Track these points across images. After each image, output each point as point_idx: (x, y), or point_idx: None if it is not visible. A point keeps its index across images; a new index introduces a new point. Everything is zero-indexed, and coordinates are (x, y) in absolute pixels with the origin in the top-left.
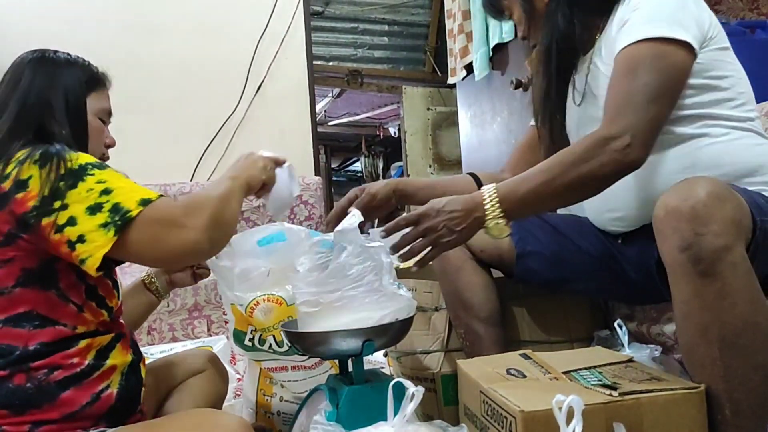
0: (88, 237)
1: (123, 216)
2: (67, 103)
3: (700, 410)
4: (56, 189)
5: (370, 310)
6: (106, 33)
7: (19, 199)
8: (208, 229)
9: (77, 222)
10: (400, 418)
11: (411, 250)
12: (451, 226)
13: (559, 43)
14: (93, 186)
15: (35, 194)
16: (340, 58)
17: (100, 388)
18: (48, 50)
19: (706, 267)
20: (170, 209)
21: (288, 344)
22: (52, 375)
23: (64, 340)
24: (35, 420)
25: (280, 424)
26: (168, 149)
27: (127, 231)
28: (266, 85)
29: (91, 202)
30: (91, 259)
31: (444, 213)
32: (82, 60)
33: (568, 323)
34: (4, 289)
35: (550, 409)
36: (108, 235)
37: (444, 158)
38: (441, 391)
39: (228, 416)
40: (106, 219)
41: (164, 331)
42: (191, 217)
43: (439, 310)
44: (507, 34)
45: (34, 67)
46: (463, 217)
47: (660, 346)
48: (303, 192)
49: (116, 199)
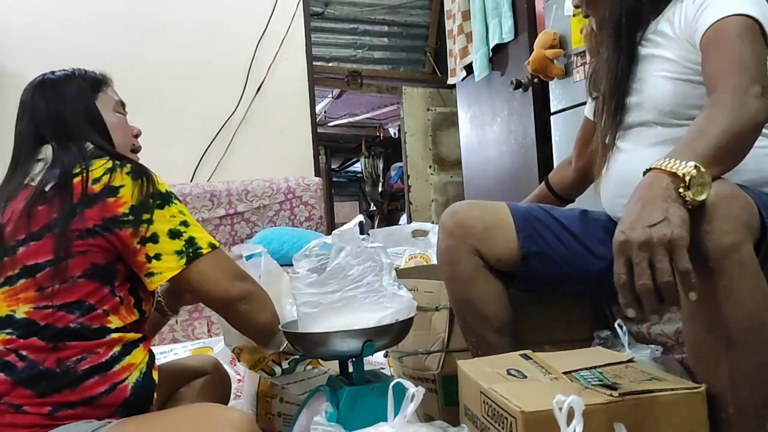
0: (163, 257)
1: (196, 250)
2: (85, 113)
3: (701, 410)
4: (146, 204)
5: (371, 310)
6: (106, 34)
7: (111, 203)
8: (246, 294)
9: (159, 241)
10: (400, 418)
11: (649, 297)
12: (662, 227)
13: (627, 17)
14: (176, 214)
15: (126, 202)
16: (340, 59)
17: (119, 380)
18: (45, 74)
19: (714, 264)
20: (232, 263)
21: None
22: (80, 363)
23: (99, 329)
24: (55, 402)
25: (281, 425)
26: (168, 149)
27: (194, 264)
28: (266, 85)
29: (172, 227)
30: (159, 276)
31: (635, 224)
32: (79, 70)
33: (569, 323)
34: (70, 277)
35: (551, 410)
36: (180, 262)
37: (444, 159)
38: (442, 391)
39: (234, 411)
40: (181, 247)
41: (164, 332)
42: (241, 280)
43: (440, 309)
44: (507, 35)
45: (39, 93)
46: (657, 203)
47: (661, 347)
48: (303, 193)
49: (192, 234)
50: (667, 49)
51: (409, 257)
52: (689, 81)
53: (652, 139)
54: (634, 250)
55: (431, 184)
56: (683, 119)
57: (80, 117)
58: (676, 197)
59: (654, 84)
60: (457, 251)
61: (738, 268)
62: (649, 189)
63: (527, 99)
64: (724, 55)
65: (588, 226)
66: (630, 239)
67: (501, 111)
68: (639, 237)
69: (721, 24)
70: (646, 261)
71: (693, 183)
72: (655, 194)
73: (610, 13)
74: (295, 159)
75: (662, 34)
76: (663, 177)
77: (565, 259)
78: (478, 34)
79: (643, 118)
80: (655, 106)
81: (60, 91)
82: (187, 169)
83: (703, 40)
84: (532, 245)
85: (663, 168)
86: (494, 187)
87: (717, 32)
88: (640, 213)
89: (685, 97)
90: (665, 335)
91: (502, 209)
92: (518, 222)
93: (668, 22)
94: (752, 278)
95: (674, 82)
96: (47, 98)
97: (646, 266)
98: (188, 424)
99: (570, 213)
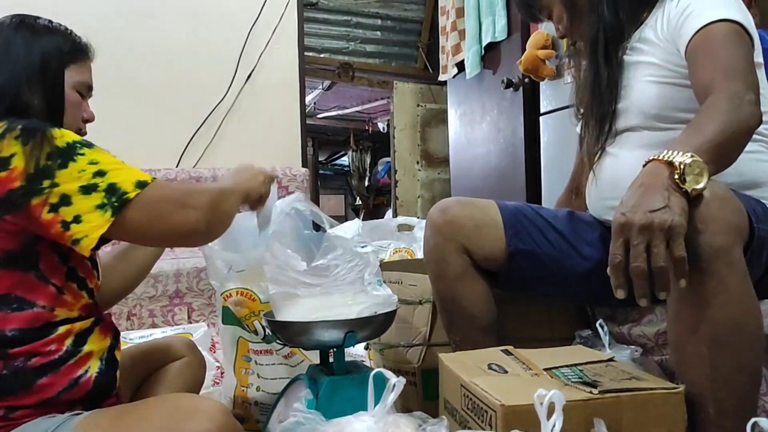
0: (84, 218)
1: (120, 197)
2: (44, 74)
3: (679, 411)
4: (44, 167)
5: (353, 301)
6: (95, 15)
7: (2, 178)
8: (207, 212)
9: (72, 202)
10: (380, 408)
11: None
12: (663, 213)
13: (606, 32)
14: (85, 167)
15: (20, 173)
16: (332, 51)
17: (78, 373)
18: (29, 16)
19: (704, 265)
20: (171, 190)
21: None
22: (30, 362)
23: (42, 327)
24: (9, 405)
25: (258, 413)
26: (154, 134)
27: (124, 212)
28: (256, 74)
29: (84, 182)
30: (87, 239)
31: (637, 208)
32: (65, 28)
33: (551, 322)
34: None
35: (531, 404)
36: (105, 216)
37: (432, 155)
38: (421, 385)
39: (207, 401)
40: (102, 200)
41: (144, 317)
42: (192, 199)
43: (423, 303)
44: (500, 34)
45: (11, 34)
46: (658, 191)
47: (640, 348)
48: (290, 183)
49: (111, 180)
50: (652, 54)
51: (394, 251)
52: (674, 84)
53: (639, 142)
54: (634, 233)
55: (418, 180)
56: (669, 122)
57: (37, 77)
58: (675, 187)
59: (639, 89)
60: (445, 249)
61: (727, 269)
62: (650, 177)
63: (517, 99)
64: (715, 62)
65: (575, 227)
66: (631, 221)
67: (491, 110)
68: (640, 220)
69: (708, 30)
70: (644, 244)
71: (687, 171)
72: (656, 182)
73: (591, 30)
74: (282, 149)
75: (646, 41)
76: (662, 167)
77: (552, 257)
78: (471, 31)
79: (631, 123)
80: (642, 111)
81: (34, 39)
82: (173, 155)
83: (690, 47)
84: (520, 242)
85: (661, 159)
86: (481, 186)
87: (704, 39)
88: (641, 198)
89: (670, 100)
90: (645, 337)
91: (491, 207)
92: (507, 219)
93: (652, 29)
94: (740, 280)
95: (659, 86)
96: (17, 42)
97: (642, 249)
98: (162, 416)
99: (558, 213)
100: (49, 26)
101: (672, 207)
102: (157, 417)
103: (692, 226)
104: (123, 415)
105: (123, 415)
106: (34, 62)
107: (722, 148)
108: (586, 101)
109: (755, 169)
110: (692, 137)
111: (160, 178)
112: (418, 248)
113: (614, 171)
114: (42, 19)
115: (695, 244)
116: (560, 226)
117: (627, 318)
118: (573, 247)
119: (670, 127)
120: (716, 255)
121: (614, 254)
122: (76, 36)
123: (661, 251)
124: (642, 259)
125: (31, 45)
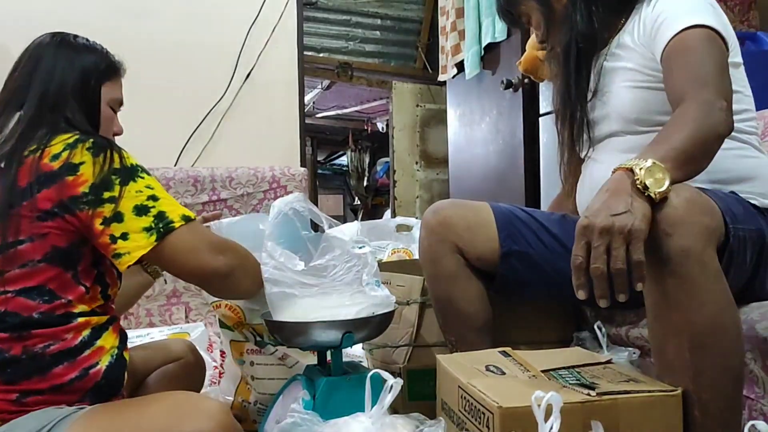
0: (131, 236)
1: (167, 225)
2: (84, 90)
3: (676, 413)
4: (108, 181)
5: (351, 301)
6: (94, 13)
7: (69, 181)
8: (235, 262)
9: (123, 219)
10: (377, 409)
11: (601, 281)
12: (624, 218)
13: (578, 41)
14: (142, 189)
15: (86, 180)
16: (331, 50)
17: (90, 364)
18: (68, 34)
19: (675, 267)
20: (212, 234)
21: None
22: (48, 349)
23: (63, 315)
24: (23, 389)
25: (255, 414)
26: (153, 133)
27: (167, 239)
28: (255, 73)
29: (139, 203)
30: (128, 256)
31: (600, 211)
32: (101, 47)
33: (548, 324)
34: (29, 261)
35: (528, 406)
36: (150, 239)
37: (431, 155)
38: (406, 385)
39: (209, 400)
40: (150, 224)
41: (141, 317)
42: (227, 248)
43: (410, 304)
44: (499, 34)
45: (54, 51)
46: (622, 196)
47: (638, 350)
48: (288, 183)
49: (162, 208)
50: (630, 60)
51: (392, 251)
52: (651, 89)
53: (622, 147)
54: (595, 235)
55: (417, 180)
56: (649, 125)
57: (78, 93)
58: (639, 193)
59: (618, 94)
60: (439, 249)
61: (700, 270)
62: (615, 183)
63: (517, 99)
64: (688, 69)
65: (568, 230)
66: (593, 224)
67: (490, 110)
68: (601, 223)
69: (682, 37)
70: (604, 246)
71: (647, 176)
72: (621, 188)
73: (564, 38)
74: (281, 148)
75: (624, 46)
76: (626, 174)
77: (545, 258)
78: (470, 32)
79: (613, 129)
80: (621, 116)
81: (76, 57)
82: (172, 154)
83: (665, 53)
84: (513, 244)
85: (626, 167)
86: (480, 186)
87: (677, 47)
88: (605, 202)
89: (648, 104)
90: (643, 338)
91: (484, 208)
92: (500, 221)
93: (629, 34)
94: (713, 281)
95: (637, 91)
96: (61, 59)
97: (603, 251)
98: (162, 413)
99: (551, 216)
100: (88, 44)
101: (634, 211)
102: (158, 414)
103: (660, 229)
104: (124, 410)
105: (124, 409)
106: (76, 79)
107: (688, 154)
108: (559, 109)
109: (742, 166)
110: (658, 145)
111: (159, 177)
112: (417, 249)
113: (599, 176)
114: (80, 37)
115: (665, 248)
116: (553, 228)
117: (625, 320)
118: (566, 249)
119: (650, 130)
120: (687, 257)
121: (576, 255)
122: (111, 55)
123: (620, 254)
124: (602, 261)
125: (73, 62)
